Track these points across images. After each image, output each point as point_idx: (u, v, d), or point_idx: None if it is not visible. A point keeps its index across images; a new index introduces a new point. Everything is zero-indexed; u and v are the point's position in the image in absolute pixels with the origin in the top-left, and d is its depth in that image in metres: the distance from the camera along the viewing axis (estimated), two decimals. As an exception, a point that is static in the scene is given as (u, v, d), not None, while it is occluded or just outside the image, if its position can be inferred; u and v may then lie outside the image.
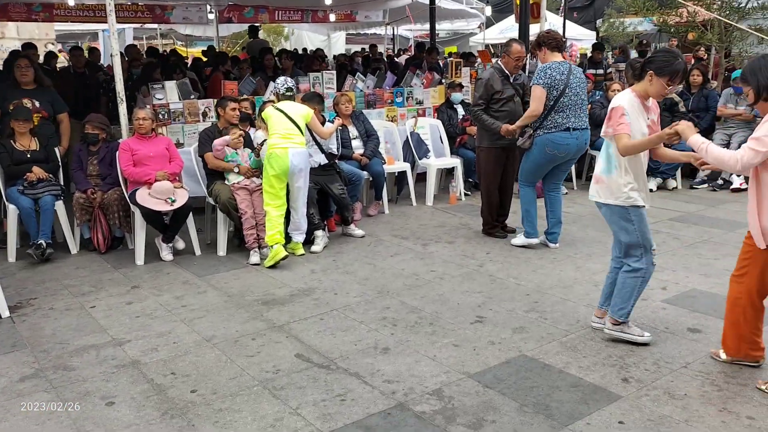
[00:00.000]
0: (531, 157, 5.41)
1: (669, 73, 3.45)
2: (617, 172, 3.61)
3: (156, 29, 19.80)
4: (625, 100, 3.55)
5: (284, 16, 14.26)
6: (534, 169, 5.45)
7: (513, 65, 5.65)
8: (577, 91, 5.23)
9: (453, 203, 7.29)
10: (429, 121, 7.85)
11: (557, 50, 5.29)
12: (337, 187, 5.89)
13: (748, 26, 8.50)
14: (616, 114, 3.52)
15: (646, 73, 3.52)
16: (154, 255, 5.59)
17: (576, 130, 5.24)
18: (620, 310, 3.75)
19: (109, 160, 5.77)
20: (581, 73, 5.37)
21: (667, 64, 3.46)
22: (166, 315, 4.37)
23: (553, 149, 5.24)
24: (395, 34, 20.16)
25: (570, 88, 5.17)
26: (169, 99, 6.55)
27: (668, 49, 3.79)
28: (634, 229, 3.65)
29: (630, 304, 3.73)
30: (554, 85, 5.15)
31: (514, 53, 5.62)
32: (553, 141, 5.22)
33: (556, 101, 5.16)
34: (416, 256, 5.49)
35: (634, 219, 3.63)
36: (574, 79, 5.22)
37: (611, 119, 3.54)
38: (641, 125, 3.53)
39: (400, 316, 4.25)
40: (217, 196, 5.49)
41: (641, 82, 3.57)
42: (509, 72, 5.67)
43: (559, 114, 5.19)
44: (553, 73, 5.15)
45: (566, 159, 5.36)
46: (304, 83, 7.49)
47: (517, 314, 4.24)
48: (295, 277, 5.05)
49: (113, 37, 5.66)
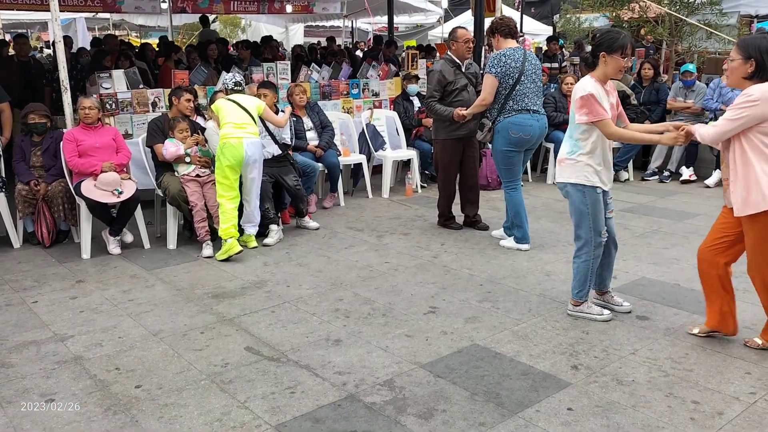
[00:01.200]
0: (498, 149, 5.28)
1: (619, 48, 3.60)
2: (580, 154, 3.71)
3: (108, 19, 19.29)
4: (591, 86, 3.63)
5: (240, 6, 14.01)
6: (506, 161, 5.29)
7: (464, 49, 5.59)
8: (533, 78, 5.19)
9: (409, 195, 7.27)
10: (385, 113, 7.81)
11: (510, 37, 5.24)
12: (291, 179, 5.81)
13: (698, 21, 8.69)
14: (590, 101, 3.60)
15: (598, 57, 3.64)
16: (101, 249, 5.42)
17: (536, 113, 5.21)
18: (579, 292, 3.92)
19: (53, 150, 5.57)
20: (536, 59, 5.32)
21: (614, 40, 3.62)
22: (112, 309, 4.23)
23: (517, 131, 5.14)
24: (354, 27, 20.06)
25: (526, 75, 5.14)
26: (117, 88, 6.35)
27: (608, 28, 3.91)
28: (587, 211, 3.75)
29: (587, 285, 3.91)
30: (509, 73, 5.11)
31: (461, 37, 5.57)
32: (515, 123, 5.13)
33: (512, 89, 5.13)
34: (371, 248, 5.45)
35: (588, 201, 3.74)
36: (530, 66, 5.17)
37: (585, 107, 3.61)
38: (606, 108, 3.64)
39: (353, 307, 4.21)
40: (166, 188, 5.35)
41: (597, 68, 3.67)
42: (460, 59, 5.64)
43: (517, 101, 5.14)
44: (508, 60, 5.11)
45: (530, 144, 5.27)
46: (258, 73, 7.36)
47: (470, 304, 4.24)
48: (247, 269, 4.96)
49: (56, 24, 5.45)
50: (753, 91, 3.16)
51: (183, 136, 5.45)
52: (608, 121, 3.62)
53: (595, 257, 3.85)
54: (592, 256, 3.84)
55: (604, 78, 3.69)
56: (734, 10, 9.89)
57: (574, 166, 3.75)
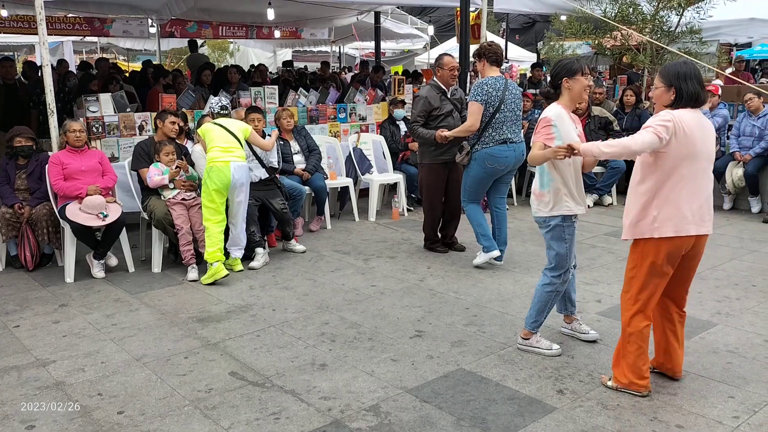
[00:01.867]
0: (471, 174, 5.41)
1: (577, 70, 3.65)
2: (551, 185, 3.68)
3: (96, 43, 19.33)
4: (552, 111, 3.64)
5: (228, 31, 14.12)
6: (475, 186, 5.45)
7: (449, 76, 5.69)
8: (512, 107, 5.30)
9: (396, 219, 7.30)
10: (372, 136, 7.87)
11: (496, 64, 5.34)
12: (278, 202, 5.82)
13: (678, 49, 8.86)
14: (541, 124, 3.62)
15: (560, 86, 3.69)
16: (85, 272, 5.38)
17: (513, 142, 5.31)
18: (534, 322, 3.84)
19: (38, 173, 5.55)
20: (516, 88, 5.44)
21: (571, 64, 3.68)
22: (95, 334, 4.19)
23: (493, 162, 5.28)
24: (341, 52, 20.25)
25: (505, 104, 5.24)
26: (104, 112, 6.35)
27: (559, 60, 3.96)
28: (565, 243, 3.73)
29: (543, 316, 3.83)
30: (490, 101, 5.21)
31: (446, 65, 5.67)
32: (491, 154, 5.27)
33: (492, 117, 5.23)
34: (357, 272, 5.45)
35: (567, 234, 3.72)
36: (510, 95, 5.28)
37: (536, 130, 3.63)
38: (572, 135, 3.61)
39: (339, 331, 4.19)
40: (152, 211, 5.33)
41: (562, 96, 3.71)
42: (446, 86, 5.73)
43: (496, 129, 5.25)
44: (489, 89, 5.22)
45: (506, 171, 5.41)
46: (246, 98, 7.40)
47: (456, 328, 4.24)
48: (233, 293, 4.93)
49: (44, 48, 5.47)
50: (663, 114, 3.15)
51: (169, 159, 5.45)
52: (537, 144, 3.57)
53: (559, 291, 3.78)
54: (557, 289, 3.77)
55: (572, 103, 3.74)
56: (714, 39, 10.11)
57: (553, 199, 3.68)
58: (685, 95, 3.15)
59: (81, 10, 11.74)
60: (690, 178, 3.16)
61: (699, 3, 8.81)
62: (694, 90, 3.15)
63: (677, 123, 3.10)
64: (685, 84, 3.15)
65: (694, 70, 3.19)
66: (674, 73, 3.17)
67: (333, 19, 13.49)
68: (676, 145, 3.11)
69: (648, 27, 8.98)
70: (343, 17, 13.26)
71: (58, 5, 10.75)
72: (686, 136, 3.11)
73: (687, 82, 3.15)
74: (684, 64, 3.24)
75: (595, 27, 9.31)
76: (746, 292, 4.85)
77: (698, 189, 3.19)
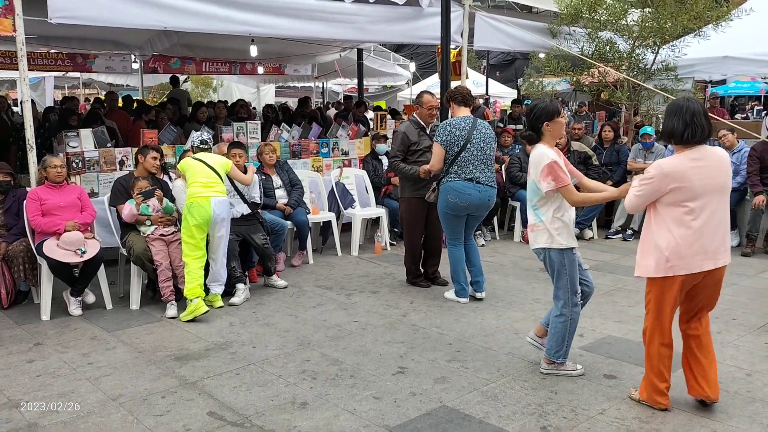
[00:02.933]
0: (440, 210, 5.45)
1: (555, 112, 3.80)
2: (546, 218, 3.79)
3: (78, 78, 19.33)
4: (551, 153, 3.76)
5: (212, 67, 14.19)
6: (447, 221, 5.44)
7: (427, 114, 5.77)
8: (481, 146, 5.30)
9: (378, 253, 7.28)
10: (354, 171, 7.89)
11: (464, 105, 5.42)
12: (259, 237, 5.78)
13: (655, 86, 9.04)
14: (554, 168, 3.69)
15: (541, 129, 3.82)
16: (62, 310, 5.28)
17: (480, 183, 5.29)
18: (557, 352, 3.93)
19: (15, 209, 5.47)
20: (488, 128, 5.46)
21: (548, 108, 3.83)
22: (70, 373, 4.09)
23: (454, 197, 5.25)
24: (325, 88, 20.42)
25: (472, 143, 5.26)
26: (84, 147, 6.31)
27: (533, 104, 4.09)
28: (565, 272, 3.82)
29: (565, 345, 3.92)
30: (454, 141, 5.25)
31: (425, 103, 5.77)
32: (454, 188, 5.26)
33: (456, 156, 5.25)
34: (339, 307, 5.40)
35: (566, 262, 3.81)
36: (478, 134, 5.30)
37: (550, 174, 3.68)
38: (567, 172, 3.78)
39: (321, 368, 4.14)
40: (131, 247, 5.27)
41: (544, 137, 3.83)
42: (424, 123, 5.79)
43: (462, 167, 5.26)
44: (453, 129, 5.26)
45: (468, 211, 5.34)
46: (228, 132, 7.41)
47: (439, 364, 4.20)
48: (212, 330, 4.86)
49: (24, 84, 5.45)
50: (650, 169, 3.33)
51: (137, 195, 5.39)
52: (571, 187, 3.74)
53: (572, 319, 3.88)
54: (569, 317, 3.87)
55: (553, 141, 3.87)
56: (689, 76, 10.32)
57: (548, 230, 3.80)
58: (665, 132, 3.35)
59: (63, 46, 11.78)
60: (695, 216, 3.28)
61: (674, 42, 9.03)
62: (671, 126, 3.29)
63: (665, 173, 3.25)
64: (667, 119, 3.33)
65: (680, 107, 3.30)
66: (668, 108, 3.40)
67: (316, 56, 13.65)
68: (670, 193, 3.27)
69: (624, 64, 9.17)
70: (326, 54, 13.42)
71: (41, 41, 10.79)
72: (678, 182, 3.24)
73: (669, 117, 3.32)
74: (679, 99, 3.39)
75: (573, 64, 9.48)
76: (727, 326, 4.87)
77: (706, 226, 3.29)
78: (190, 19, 6.15)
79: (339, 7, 7.04)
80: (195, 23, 6.25)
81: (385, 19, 7.47)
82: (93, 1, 5.54)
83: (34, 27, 7.07)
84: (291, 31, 7.00)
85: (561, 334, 3.90)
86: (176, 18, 6.09)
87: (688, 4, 8.76)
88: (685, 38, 9.05)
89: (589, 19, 8.98)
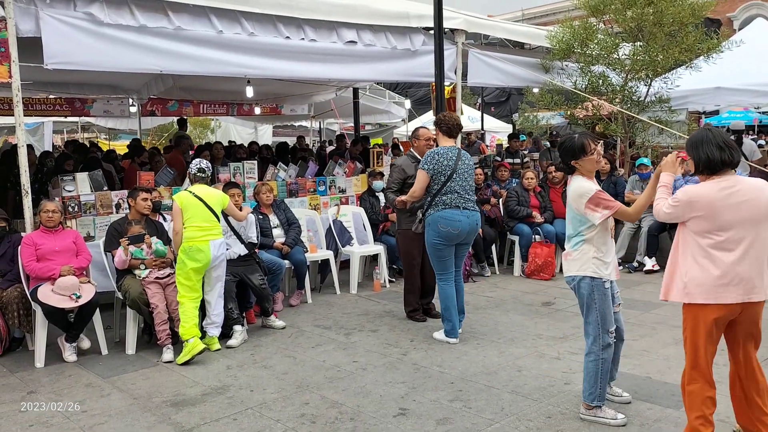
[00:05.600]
0: (428, 241, 5.39)
1: (577, 151, 3.72)
2: (586, 246, 3.71)
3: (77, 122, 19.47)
4: (591, 184, 3.72)
5: (209, 109, 14.32)
6: (436, 254, 5.37)
7: (423, 147, 5.81)
8: (465, 176, 5.35)
9: (377, 290, 7.20)
10: (352, 209, 7.87)
11: (448, 135, 5.45)
12: (257, 278, 5.72)
13: (649, 118, 9.09)
14: (600, 198, 3.65)
15: (572, 165, 3.77)
16: (56, 356, 5.19)
17: (466, 209, 5.31)
18: (590, 394, 3.76)
19: (10, 255, 5.42)
20: (470, 159, 5.49)
21: (572, 148, 3.74)
22: (64, 423, 3.99)
23: (446, 225, 5.23)
24: (322, 127, 20.57)
25: (458, 173, 5.29)
26: (81, 191, 6.30)
27: (561, 140, 4.03)
28: (595, 307, 3.71)
29: (597, 387, 3.75)
30: (441, 170, 5.26)
31: (422, 136, 5.84)
32: (443, 217, 5.24)
33: (443, 185, 5.26)
34: (338, 347, 5.31)
35: (596, 295, 3.70)
36: (463, 165, 5.35)
37: (600, 204, 3.64)
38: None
39: (320, 412, 4.04)
40: (126, 291, 5.21)
41: (578, 169, 3.77)
42: (421, 156, 5.79)
43: (448, 196, 5.28)
44: (441, 159, 5.28)
45: (459, 239, 5.33)
46: (225, 173, 7.42)
47: (441, 404, 4.10)
48: (209, 374, 4.76)
49: (20, 129, 5.46)
50: (678, 193, 3.25)
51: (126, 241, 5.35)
52: (623, 207, 3.69)
53: (604, 359, 3.72)
54: (600, 357, 3.71)
55: (589, 175, 3.79)
56: (682, 107, 10.40)
57: (581, 258, 3.72)
58: (700, 163, 3.22)
59: (61, 91, 11.89)
60: (722, 248, 3.17)
61: (666, 74, 9.11)
62: (706, 155, 3.19)
63: (691, 201, 3.19)
64: (697, 151, 3.23)
65: (707, 136, 3.24)
66: (689, 143, 3.30)
67: (312, 96, 13.77)
68: (694, 221, 3.21)
69: (618, 97, 9.24)
70: (322, 93, 13.55)
71: (38, 87, 10.90)
72: (700, 211, 3.17)
73: (699, 148, 3.22)
74: (700, 131, 3.34)
75: (567, 98, 9.56)
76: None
77: (741, 258, 3.16)
78: (185, 62, 6.20)
79: (333, 48, 7.11)
80: (190, 66, 6.29)
81: (378, 58, 7.54)
82: (88, 46, 5.58)
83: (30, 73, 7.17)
84: (286, 72, 7.06)
85: (592, 374, 3.72)
86: (172, 61, 6.13)
87: (678, 37, 8.88)
88: (677, 70, 9.14)
89: (581, 54, 9.08)
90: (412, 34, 7.73)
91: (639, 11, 8.80)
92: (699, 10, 8.78)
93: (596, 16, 9.33)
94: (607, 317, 3.72)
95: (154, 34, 5.92)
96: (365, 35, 7.32)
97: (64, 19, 5.45)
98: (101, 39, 5.64)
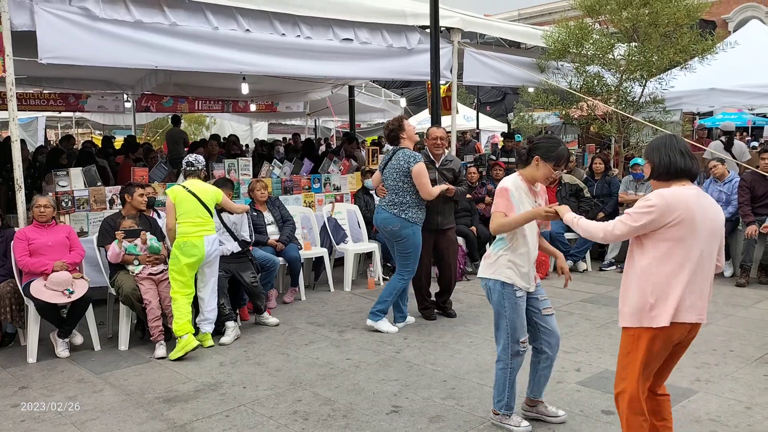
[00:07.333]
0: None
1: (554, 159, 3.52)
2: (504, 249, 3.59)
3: (71, 118, 19.41)
4: (510, 181, 3.59)
5: (204, 105, 14.28)
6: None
7: (431, 145, 5.86)
8: (386, 175, 5.57)
9: (371, 288, 7.21)
10: (346, 206, 7.87)
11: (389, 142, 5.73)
12: (249, 276, 5.71)
13: (643, 118, 9.12)
14: (499, 194, 3.56)
15: (532, 158, 3.58)
16: (49, 352, 5.17)
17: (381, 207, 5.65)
18: (498, 402, 3.71)
19: (2, 250, 5.40)
20: (400, 158, 5.46)
21: (551, 149, 3.54)
22: (56, 418, 3.98)
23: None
24: (317, 125, 20.54)
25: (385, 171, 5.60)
26: (74, 186, 6.28)
27: (551, 135, 3.91)
28: (505, 315, 3.59)
29: (505, 395, 3.66)
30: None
31: (429, 135, 5.89)
32: None
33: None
34: (332, 344, 5.32)
35: (507, 302, 3.57)
36: (390, 164, 5.55)
37: (497, 197, 3.57)
38: (526, 207, 3.54)
39: (313, 408, 4.04)
40: (119, 286, 5.20)
41: (528, 167, 3.61)
42: (432, 155, 5.81)
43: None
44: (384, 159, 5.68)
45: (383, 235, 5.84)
46: (219, 169, 7.40)
47: (434, 402, 4.11)
48: (202, 370, 4.76)
49: (14, 124, 5.43)
50: (651, 197, 2.91)
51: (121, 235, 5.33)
52: (498, 214, 3.51)
53: (512, 367, 3.62)
54: (509, 365, 3.61)
55: (532, 179, 3.61)
56: (677, 108, 10.43)
57: (496, 262, 3.59)
58: (660, 166, 2.94)
59: (56, 86, 11.84)
60: (691, 262, 2.86)
61: (660, 75, 9.14)
62: (668, 159, 2.92)
63: (667, 204, 2.84)
64: (658, 153, 2.95)
65: (670, 140, 2.99)
66: (650, 146, 3.04)
67: (308, 93, 13.77)
68: (667, 229, 2.86)
69: (613, 97, 9.26)
70: (317, 91, 13.54)
71: (33, 82, 10.85)
72: (681, 216, 2.84)
73: (660, 151, 2.95)
74: (664, 136, 3.09)
75: (562, 98, 9.58)
76: (724, 358, 4.81)
77: (700, 273, 2.89)
78: (180, 58, 6.18)
79: (328, 46, 7.11)
80: (186, 62, 6.28)
81: (374, 56, 7.54)
82: (83, 41, 5.56)
83: (25, 68, 7.13)
84: (281, 69, 7.05)
85: (501, 381, 3.65)
86: (167, 57, 6.12)
87: (673, 38, 8.91)
88: (672, 71, 9.17)
89: (577, 54, 9.10)
90: (408, 33, 7.73)
91: (634, 12, 8.84)
92: (694, 11, 8.82)
93: (592, 17, 9.36)
94: (518, 327, 3.58)
95: (149, 29, 5.91)
96: (361, 33, 7.33)
97: (59, 13, 5.43)
98: (96, 34, 5.62)
